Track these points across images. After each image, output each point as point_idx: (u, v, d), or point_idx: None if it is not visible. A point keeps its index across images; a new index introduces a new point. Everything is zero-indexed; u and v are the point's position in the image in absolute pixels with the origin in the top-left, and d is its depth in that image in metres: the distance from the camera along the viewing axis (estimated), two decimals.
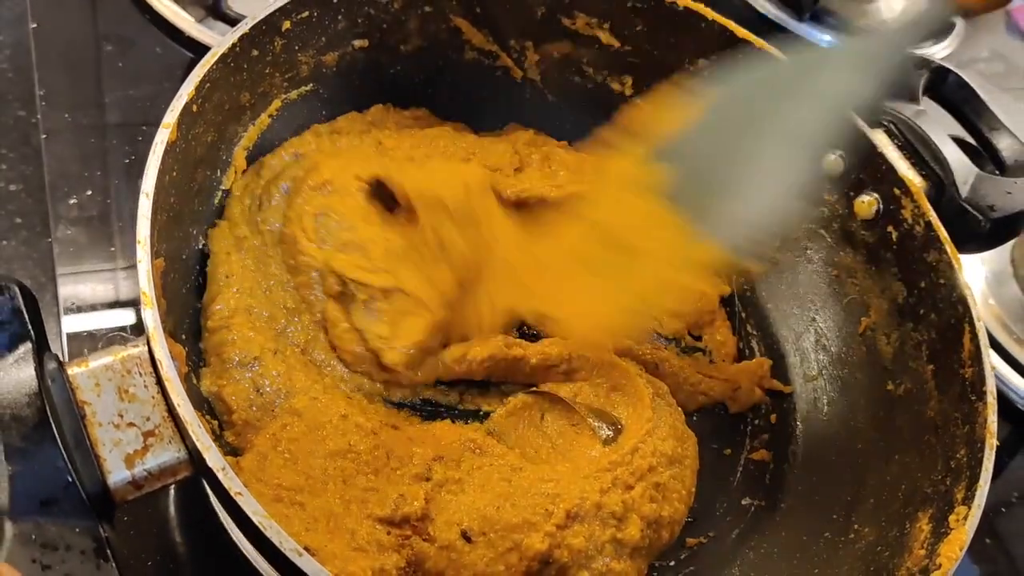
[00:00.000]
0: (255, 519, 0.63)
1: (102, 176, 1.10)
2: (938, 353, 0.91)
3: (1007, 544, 1.09)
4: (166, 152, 0.77)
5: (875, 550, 0.84)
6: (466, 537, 0.78)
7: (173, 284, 0.81)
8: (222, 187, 0.93)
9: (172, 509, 0.90)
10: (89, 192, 1.09)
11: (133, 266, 0.95)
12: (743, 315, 1.09)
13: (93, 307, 1.01)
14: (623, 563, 0.82)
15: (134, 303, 1.01)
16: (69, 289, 1.02)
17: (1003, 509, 1.12)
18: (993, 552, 1.07)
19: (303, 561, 0.62)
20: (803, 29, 1.54)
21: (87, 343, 0.97)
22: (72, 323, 0.99)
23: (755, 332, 1.07)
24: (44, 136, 1.13)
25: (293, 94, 0.99)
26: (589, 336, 0.89)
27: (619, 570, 0.81)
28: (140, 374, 0.68)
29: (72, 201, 1.08)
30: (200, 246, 0.89)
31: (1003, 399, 1.15)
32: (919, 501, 0.84)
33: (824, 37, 1.54)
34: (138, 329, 0.99)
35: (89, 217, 1.07)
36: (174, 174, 0.81)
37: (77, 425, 0.65)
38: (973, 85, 1.09)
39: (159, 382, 0.67)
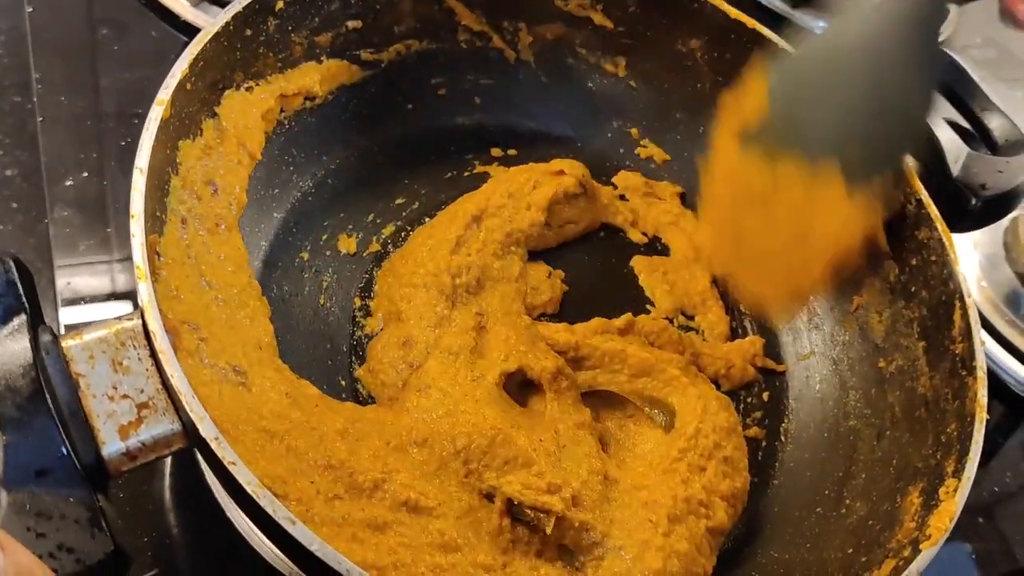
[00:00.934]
0: (248, 488, 0.63)
1: (98, 159, 1.11)
2: (929, 330, 0.92)
3: (999, 524, 1.09)
4: (160, 128, 0.78)
5: (866, 524, 0.85)
6: None
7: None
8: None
9: (167, 487, 0.91)
10: (85, 174, 1.09)
11: (130, 256, 0.98)
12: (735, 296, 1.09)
13: (93, 298, 1.01)
14: (711, 557, 0.84)
15: (130, 295, 1.02)
16: (66, 279, 1.02)
17: (996, 488, 1.12)
18: (985, 531, 1.08)
19: (296, 529, 0.62)
20: (795, 15, 1.54)
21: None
22: (70, 315, 0.99)
23: (747, 312, 1.07)
24: (40, 120, 1.13)
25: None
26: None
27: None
28: (134, 347, 0.69)
29: (68, 183, 1.08)
30: None
31: (996, 380, 1.15)
32: (910, 475, 0.85)
33: (818, 23, 1.54)
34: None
35: (85, 198, 1.07)
36: (168, 151, 0.81)
37: (71, 396, 0.66)
38: (965, 66, 1.09)
39: (153, 355, 0.68)
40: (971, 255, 1.28)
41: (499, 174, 1.06)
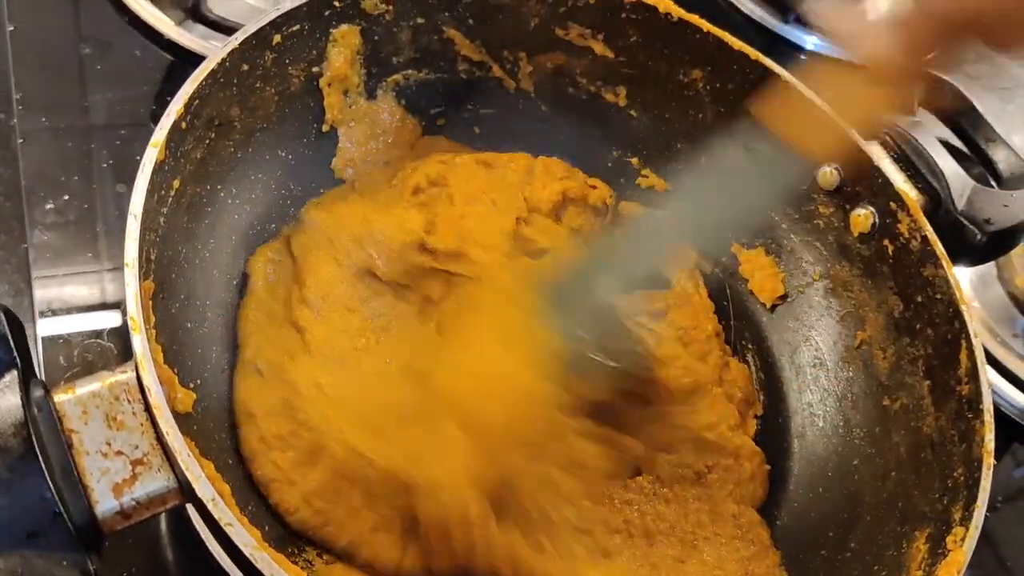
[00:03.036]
0: (246, 551, 0.62)
1: (80, 181, 1.09)
2: (935, 369, 0.90)
3: (996, 546, 1.08)
4: (154, 171, 0.76)
5: (872, 570, 0.83)
6: None
7: (163, 305, 0.80)
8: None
9: (164, 530, 0.90)
10: (66, 197, 1.08)
11: (112, 269, 0.97)
12: (738, 328, 1.09)
13: (68, 311, 1.00)
14: None
15: (110, 306, 1.01)
16: (44, 293, 1.01)
17: (987, 514, 1.11)
18: (981, 554, 1.07)
19: None
20: (787, 30, 1.54)
21: (63, 349, 0.96)
22: (47, 327, 0.98)
23: (751, 346, 1.06)
24: (21, 140, 1.12)
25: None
26: None
27: None
28: (128, 401, 0.67)
29: (49, 206, 1.07)
30: (189, 263, 0.87)
31: None
32: (916, 520, 0.84)
33: (810, 39, 1.53)
34: (115, 334, 0.99)
35: (67, 222, 1.06)
36: (163, 192, 0.80)
37: (64, 455, 0.64)
38: (969, 96, 1.08)
39: (147, 409, 0.66)
40: (963, 274, 1.26)
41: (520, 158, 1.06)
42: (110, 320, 1.01)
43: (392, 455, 0.80)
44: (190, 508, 0.73)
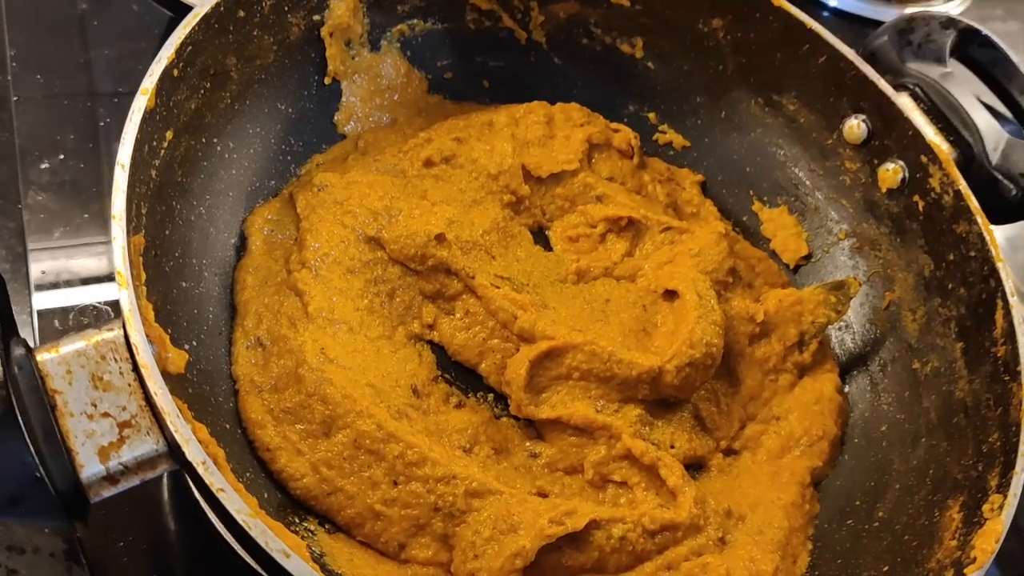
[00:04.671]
0: (239, 518, 0.58)
1: (76, 140, 1.05)
2: (968, 330, 0.87)
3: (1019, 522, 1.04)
4: (144, 120, 0.72)
5: (902, 540, 0.80)
6: None
7: (155, 262, 0.76)
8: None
9: (166, 498, 0.87)
10: (62, 157, 1.04)
11: (109, 239, 0.92)
12: None
13: (68, 282, 0.96)
14: None
15: (110, 277, 0.97)
16: (41, 263, 0.97)
17: None
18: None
19: (291, 563, 0.58)
20: None
21: (59, 317, 0.92)
22: (43, 299, 0.94)
23: None
24: (15, 99, 1.07)
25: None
26: None
27: None
28: (115, 360, 0.63)
29: (44, 166, 1.03)
30: (183, 220, 0.83)
31: None
32: (949, 488, 0.80)
33: None
34: (114, 304, 0.95)
35: (62, 183, 1.02)
36: (154, 143, 0.76)
37: (46, 416, 0.60)
38: (1003, 46, 1.03)
39: (135, 368, 0.62)
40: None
41: (537, 108, 1.01)
42: (108, 283, 0.98)
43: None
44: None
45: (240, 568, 0.73)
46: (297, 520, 0.77)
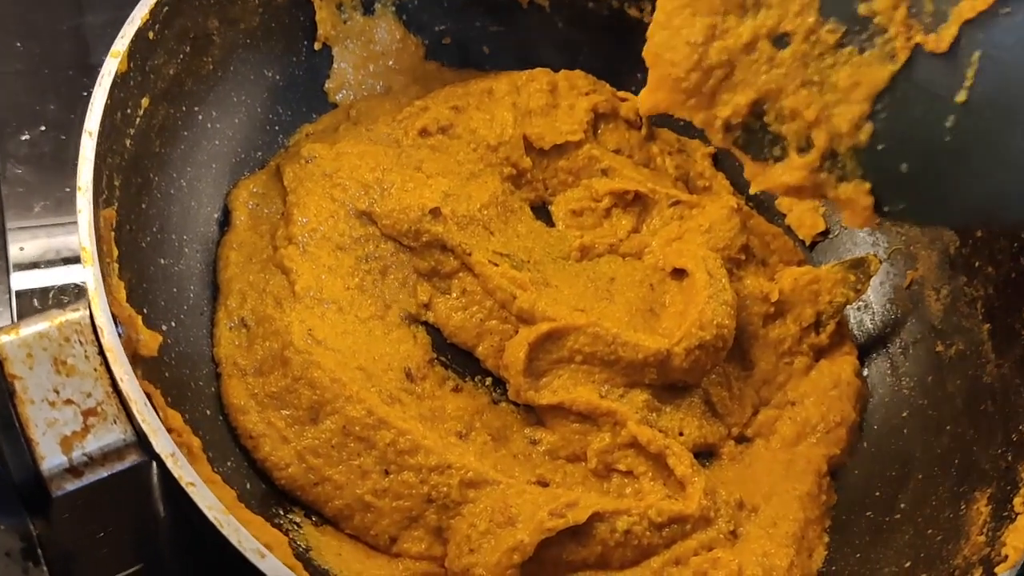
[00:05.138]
0: (210, 514, 0.54)
1: (57, 111, 1.00)
2: (996, 311, 0.82)
3: None
4: (116, 85, 0.68)
5: (925, 534, 0.76)
6: None
7: (130, 237, 0.72)
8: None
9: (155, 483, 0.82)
10: (43, 128, 0.99)
11: None
12: None
13: (49, 261, 0.92)
14: None
15: None
16: (19, 240, 0.92)
17: None
18: None
19: (266, 564, 0.53)
20: None
21: (39, 298, 0.88)
22: (22, 279, 0.90)
23: None
24: None
25: None
26: None
27: None
28: (80, 342, 0.59)
29: (23, 137, 0.98)
30: (162, 193, 0.78)
31: None
32: (976, 479, 0.76)
33: None
34: None
35: (41, 155, 0.97)
36: (128, 111, 0.71)
37: (4, 403, 0.56)
38: None
39: (102, 352, 0.58)
40: None
41: (540, 75, 0.96)
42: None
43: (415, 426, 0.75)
44: None
45: (234, 560, 0.68)
46: (282, 512, 0.73)
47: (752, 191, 0.68)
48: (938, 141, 0.58)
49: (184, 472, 0.54)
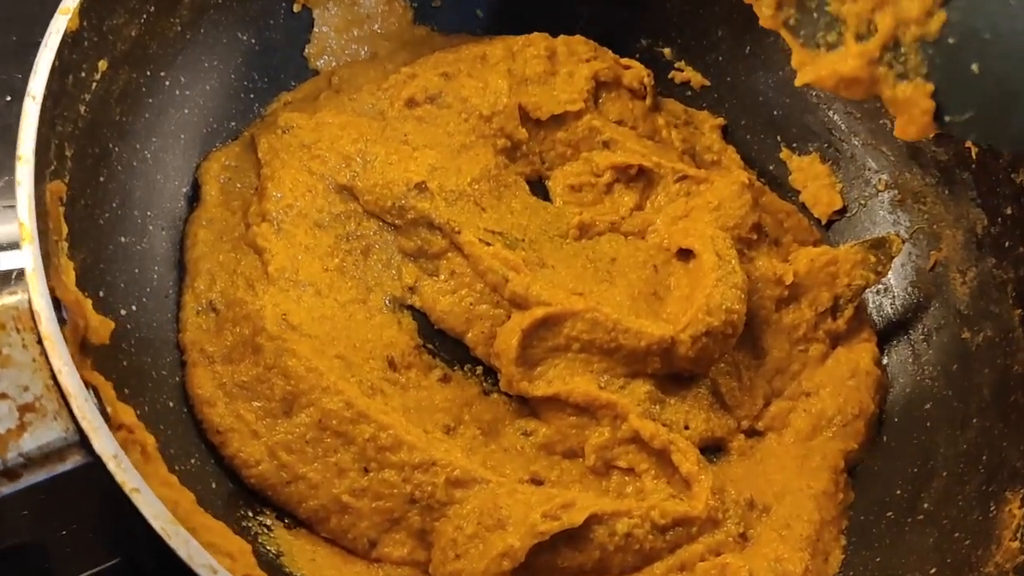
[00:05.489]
0: (155, 524, 0.48)
1: (8, 83, 0.93)
2: None
3: None
4: (65, 45, 0.62)
5: (952, 537, 0.72)
6: None
7: (85, 213, 0.66)
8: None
9: None
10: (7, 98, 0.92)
11: None
12: None
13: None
14: None
15: None
16: None
17: None
18: None
19: None
20: None
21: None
22: None
23: None
24: None
25: None
26: None
27: None
28: (17, 330, 0.53)
29: None
30: (124, 165, 0.72)
31: None
32: (1006, 478, 0.73)
33: None
34: None
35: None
36: (82, 74, 0.65)
37: None
38: None
39: (41, 341, 0.52)
40: None
41: (537, 40, 0.90)
42: None
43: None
44: None
45: None
46: (250, 514, 0.68)
47: (798, 83, 0.61)
48: (1020, 41, 0.51)
49: (128, 477, 0.49)
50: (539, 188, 0.87)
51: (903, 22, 0.54)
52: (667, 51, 0.97)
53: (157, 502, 0.49)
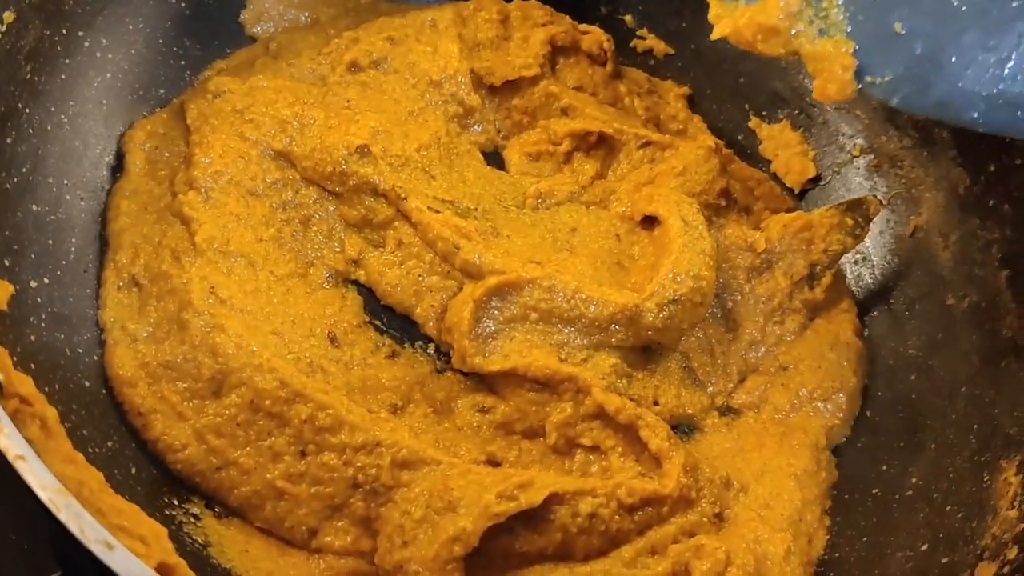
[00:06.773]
0: (43, 495, 0.42)
1: None
2: (1015, 255, 0.75)
3: None
4: None
5: (943, 511, 0.69)
6: None
7: None
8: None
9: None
10: None
11: None
12: None
13: None
14: None
15: None
16: None
17: None
18: None
19: (115, 557, 0.42)
20: None
21: None
22: None
23: None
24: None
25: None
26: None
27: None
28: None
29: None
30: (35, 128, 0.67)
31: None
32: (1000, 445, 0.68)
33: None
34: None
35: None
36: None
37: None
38: None
39: None
40: None
41: (489, 4, 0.85)
42: None
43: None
44: None
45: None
46: (176, 502, 0.62)
47: (714, 36, 0.59)
48: (943, 1, 0.51)
49: (12, 443, 0.43)
50: (496, 160, 0.82)
51: None
52: (628, 18, 0.93)
53: (46, 471, 0.43)
